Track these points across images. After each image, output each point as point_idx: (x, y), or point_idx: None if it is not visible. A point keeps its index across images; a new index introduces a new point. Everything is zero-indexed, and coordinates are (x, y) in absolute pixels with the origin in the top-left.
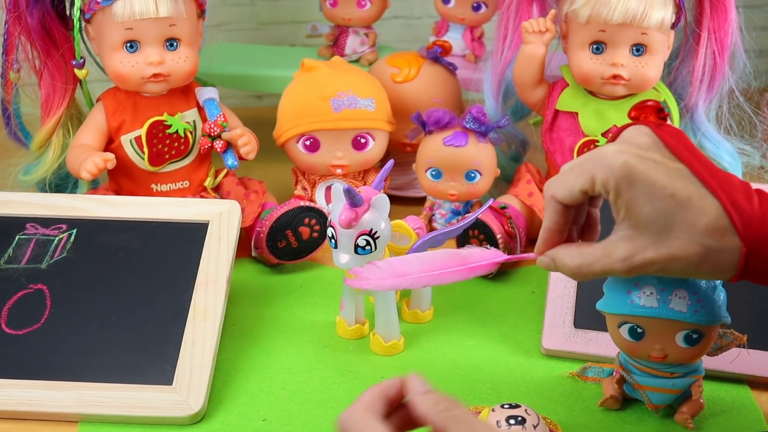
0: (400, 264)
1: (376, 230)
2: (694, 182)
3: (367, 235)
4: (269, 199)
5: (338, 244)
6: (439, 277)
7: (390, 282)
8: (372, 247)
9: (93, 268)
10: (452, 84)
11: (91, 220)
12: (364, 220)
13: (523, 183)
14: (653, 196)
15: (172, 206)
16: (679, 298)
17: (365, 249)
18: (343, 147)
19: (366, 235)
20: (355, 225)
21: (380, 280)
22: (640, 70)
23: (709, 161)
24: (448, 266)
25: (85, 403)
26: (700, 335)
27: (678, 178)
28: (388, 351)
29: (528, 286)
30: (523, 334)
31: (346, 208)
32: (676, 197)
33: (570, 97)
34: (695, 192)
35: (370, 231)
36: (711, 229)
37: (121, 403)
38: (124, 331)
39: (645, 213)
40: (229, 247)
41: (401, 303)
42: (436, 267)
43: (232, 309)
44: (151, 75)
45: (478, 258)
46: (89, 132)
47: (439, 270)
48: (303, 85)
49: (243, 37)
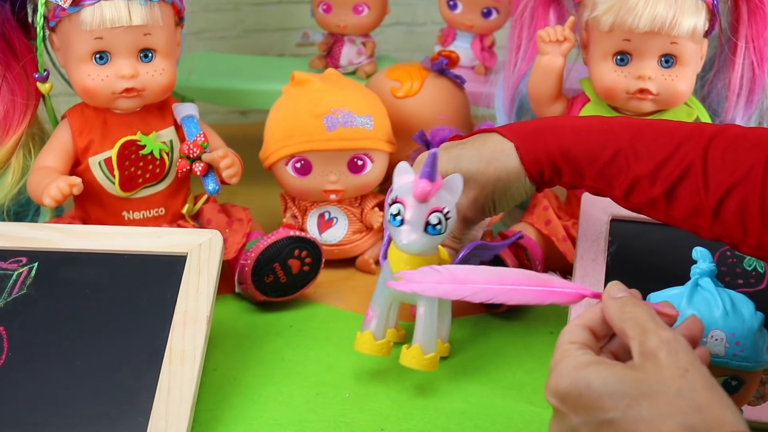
0: (464, 272)
1: (448, 209)
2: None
3: (440, 213)
4: (255, 228)
5: (405, 220)
6: (509, 294)
7: (446, 288)
8: (443, 227)
9: (56, 307)
10: (460, 99)
11: (54, 252)
12: (438, 196)
13: (540, 210)
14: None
15: (146, 236)
16: (715, 340)
17: (436, 228)
18: (338, 170)
19: (439, 212)
20: (431, 199)
21: (436, 283)
22: (670, 83)
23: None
24: (523, 284)
25: None
26: (739, 382)
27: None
28: (426, 365)
29: (545, 326)
30: (540, 381)
31: (422, 181)
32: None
33: (591, 114)
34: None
35: (443, 209)
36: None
37: None
38: (91, 378)
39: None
40: (210, 282)
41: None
42: (507, 282)
43: (213, 352)
44: (122, 89)
45: (560, 285)
46: (53, 153)
47: (510, 285)
48: (293, 100)
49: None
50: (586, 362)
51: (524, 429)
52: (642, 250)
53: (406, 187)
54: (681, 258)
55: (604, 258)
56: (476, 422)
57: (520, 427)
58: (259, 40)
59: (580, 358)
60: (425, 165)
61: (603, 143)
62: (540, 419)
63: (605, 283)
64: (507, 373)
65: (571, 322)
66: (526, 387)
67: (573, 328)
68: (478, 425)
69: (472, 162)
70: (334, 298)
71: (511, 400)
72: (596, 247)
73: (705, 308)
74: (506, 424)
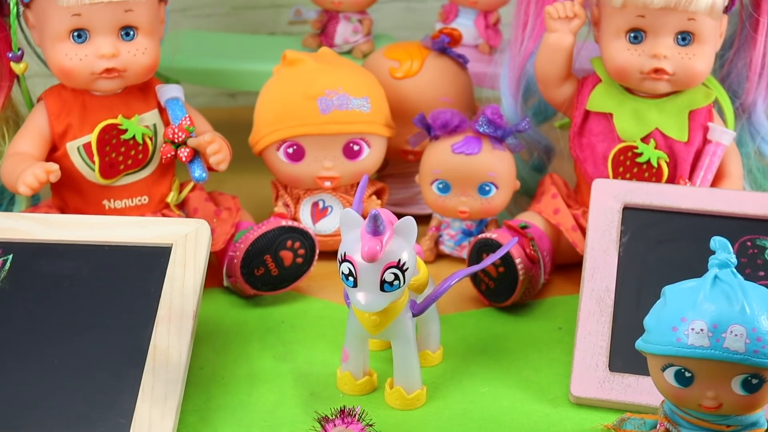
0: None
1: (404, 261)
2: None
3: (395, 267)
4: (244, 218)
5: (358, 281)
6: None
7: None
8: (401, 281)
9: (32, 302)
10: (462, 80)
11: (30, 243)
12: (390, 249)
13: (548, 198)
14: None
15: (128, 227)
16: (735, 335)
17: (393, 285)
18: (333, 155)
19: (394, 267)
20: (381, 257)
21: None
22: (687, 62)
23: None
24: None
25: None
26: (761, 380)
27: None
28: (411, 404)
29: (554, 321)
30: (548, 379)
31: (369, 238)
32: None
33: (603, 96)
34: None
35: (398, 262)
36: None
37: None
38: (70, 378)
39: None
40: (197, 275)
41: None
42: None
43: (199, 349)
44: (102, 70)
45: None
46: (28, 138)
47: None
48: (284, 81)
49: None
50: None
51: (532, 430)
52: (657, 240)
53: (354, 243)
54: (698, 248)
55: (616, 249)
56: (480, 423)
57: (528, 427)
58: (248, 18)
59: None
60: (368, 220)
61: None
62: (548, 420)
63: (617, 275)
64: (512, 371)
65: None
66: (533, 386)
67: None
68: (482, 426)
69: None
70: (328, 292)
71: (517, 400)
72: (608, 236)
73: (724, 302)
74: (512, 425)
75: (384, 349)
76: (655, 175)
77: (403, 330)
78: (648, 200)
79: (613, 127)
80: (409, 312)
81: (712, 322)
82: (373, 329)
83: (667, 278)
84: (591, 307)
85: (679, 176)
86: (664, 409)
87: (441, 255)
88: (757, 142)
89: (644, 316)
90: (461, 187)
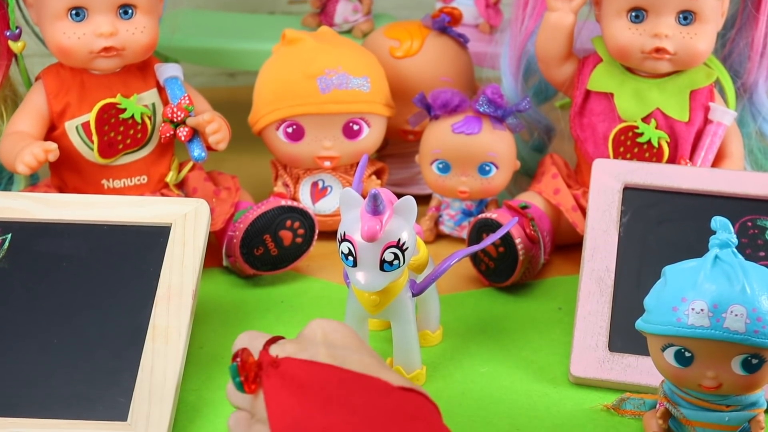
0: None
1: (404, 241)
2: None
3: (395, 247)
4: (244, 197)
5: (358, 261)
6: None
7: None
8: (401, 261)
9: (32, 281)
10: (462, 59)
11: (29, 222)
12: (390, 229)
13: (548, 178)
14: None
15: (127, 206)
16: (735, 315)
17: (393, 264)
18: (332, 135)
19: (394, 247)
20: (381, 237)
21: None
22: (689, 42)
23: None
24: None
25: None
26: (761, 360)
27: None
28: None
29: (553, 301)
30: (547, 359)
31: (368, 218)
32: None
33: (604, 75)
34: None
35: (398, 242)
36: None
37: None
38: (70, 357)
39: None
40: (196, 254)
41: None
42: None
43: (199, 329)
44: (101, 49)
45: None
46: (27, 117)
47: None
48: (284, 60)
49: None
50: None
51: (531, 409)
52: (657, 220)
53: (353, 222)
54: (699, 228)
55: (616, 229)
56: (479, 403)
57: (527, 407)
58: None
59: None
60: (368, 200)
61: None
62: (548, 399)
63: (617, 255)
64: (512, 351)
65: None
66: (532, 365)
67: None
68: (481, 406)
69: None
70: (327, 272)
71: (516, 380)
72: (608, 216)
73: (725, 282)
74: (511, 404)
75: (384, 329)
76: (656, 155)
77: (403, 310)
78: (648, 180)
79: (613, 107)
80: (408, 292)
81: (712, 302)
82: (373, 309)
83: (668, 258)
84: (591, 287)
85: (680, 156)
86: (663, 389)
87: (441, 235)
88: (759, 122)
89: (644, 296)
90: (461, 167)
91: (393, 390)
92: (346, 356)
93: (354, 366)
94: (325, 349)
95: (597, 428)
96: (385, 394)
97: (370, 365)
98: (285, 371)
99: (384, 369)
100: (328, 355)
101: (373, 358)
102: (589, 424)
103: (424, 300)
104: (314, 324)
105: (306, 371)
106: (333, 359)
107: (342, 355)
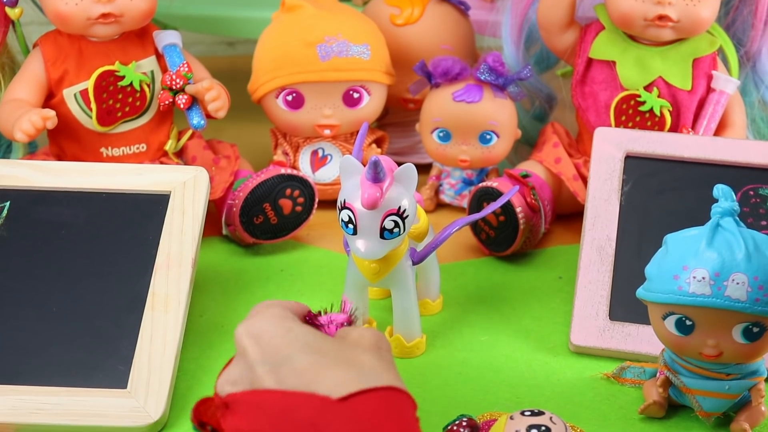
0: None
1: (404, 208)
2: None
3: (396, 215)
4: (243, 166)
5: (358, 229)
6: None
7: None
8: (401, 228)
9: (30, 249)
10: (463, 27)
11: (27, 190)
12: (390, 197)
13: (549, 146)
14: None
15: (126, 174)
16: (736, 283)
17: (393, 232)
18: (332, 103)
19: (394, 215)
20: (381, 204)
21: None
22: (692, 9)
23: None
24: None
25: (22, 411)
26: (762, 329)
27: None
28: (410, 352)
29: (554, 270)
30: (548, 328)
31: (369, 185)
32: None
33: (606, 43)
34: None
35: (398, 210)
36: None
37: (65, 411)
38: (69, 325)
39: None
40: (195, 223)
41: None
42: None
43: (198, 297)
44: (99, 15)
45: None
46: (24, 84)
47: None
48: (283, 28)
49: None
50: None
51: (531, 378)
52: (658, 189)
53: (353, 190)
54: (700, 197)
55: (617, 198)
56: (479, 372)
57: (527, 375)
58: None
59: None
60: (369, 167)
61: None
62: (548, 368)
63: (618, 224)
64: (512, 320)
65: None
66: (533, 334)
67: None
68: (482, 375)
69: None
70: (327, 241)
71: (517, 349)
72: (609, 185)
73: (726, 250)
74: (511, 373)
75: (383, 298)
76: (658, 123)
77: (403, 278)
78: (650, 149)
79: (615, 76)
80: (408, 260)
81: (713, 270)
82: (373, 277)
83: (669, 227)
84: (592, 256)
85: (682, 125)
86: (664, 358)
87: (441, 204)
88: (761, 91)
89: (645, 264)
90: (462, 135)
91: (330, 404)
92: (281, 368)
93: (289, 380)
94: (261, 367)
95: (597, 397)
96: (324, 409)
97: (306, 371)
98: (236, 408)
99: (323, 368)
100: (265, 374)
101: (306, 355)
102: (589, 392)
103: (425, 269)
104: (240, 330)
105: (250, 404)
106: (274, 381)
107: (277, 369)
